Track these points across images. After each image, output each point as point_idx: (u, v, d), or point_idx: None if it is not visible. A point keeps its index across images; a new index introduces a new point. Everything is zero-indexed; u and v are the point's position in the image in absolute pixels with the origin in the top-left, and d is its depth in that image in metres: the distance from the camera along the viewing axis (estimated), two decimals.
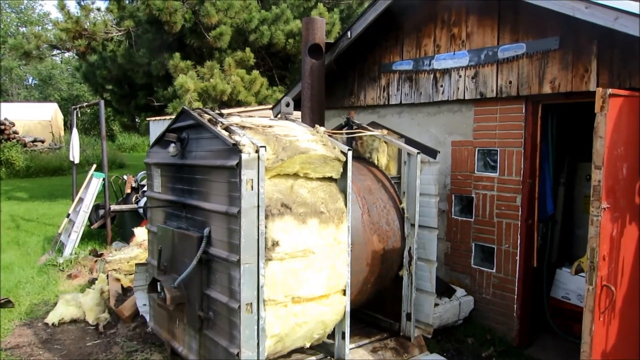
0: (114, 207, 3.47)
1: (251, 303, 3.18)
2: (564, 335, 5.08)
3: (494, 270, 4.99)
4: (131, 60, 12.73)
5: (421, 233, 4.48)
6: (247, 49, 12.44)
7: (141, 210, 7.02)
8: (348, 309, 3.72)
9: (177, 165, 3.90)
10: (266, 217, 3.25)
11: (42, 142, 23.96)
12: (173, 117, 4.76)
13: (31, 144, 23.08)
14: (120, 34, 13.43)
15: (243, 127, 3.59)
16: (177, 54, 11.87)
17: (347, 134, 4.39)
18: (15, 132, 22.28)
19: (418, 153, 4.17)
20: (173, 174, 4.02)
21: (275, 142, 3.46)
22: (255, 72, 12.17)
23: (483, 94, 4.93)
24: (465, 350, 4.81)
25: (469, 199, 5.21)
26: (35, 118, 26.44)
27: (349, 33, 5.84)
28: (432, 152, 4.45)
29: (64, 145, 22.88)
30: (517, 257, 4.79)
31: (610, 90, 3.11)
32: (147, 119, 12.77)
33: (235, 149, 3.16)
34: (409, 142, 4.67)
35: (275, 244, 3.28)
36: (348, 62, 6.35)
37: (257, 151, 3.19)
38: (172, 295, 3.59)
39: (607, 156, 3.13)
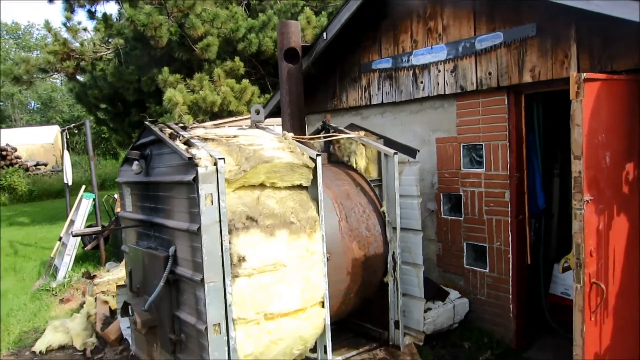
0: (76, 231, 3.33)
1: (219, 323, 3.01)
2: (565, 333, 4.84)
3: (487, 270, 4.78)
4: (121, 78, 12.69)
5: (406, 236, 4.30)
6: (237, 58, 12.33)
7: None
8: (328, 321, 3.54)
9: (144, 183, 3.76)
10: (230, 232, 3.09)
11: (45, 165, 24.07)
12: None
13: (34, 167, 23.19)
14: (109, 52, 13.41)
15: (205, 140, 3.44)
16: (166, 69, 11.79)
17: (319, 138, 4.23)
18: (18, 157, 22.40)
19: (395, 154, 3.99)
20: (141, 192, 3.88)
21: (238, 153, 3.31)
22: (245, 81, 12.05)
23: (463, 87, 4.75)
24: (461, 355, 4.60)
25: (457, 197, 5.01)
26: (38, 142, 26.58)
27: (324, 34, 5.69)
28: (411, 152, 4.27)
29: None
30: (510, 255, 4.58)
31: (584, 75, 2.92)
32: None
33: (191, 163, 3.01)
34: (389, 142, 4.50)
35: (241, 259, 3.11)
36: (328, 64, 6.19)
37: (215, 164, 3.04)
38: (143, 319, 3.43)
39: (586, 145, 2.93)
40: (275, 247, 3.26)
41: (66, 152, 9.62)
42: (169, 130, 3.54)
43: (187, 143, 3.34)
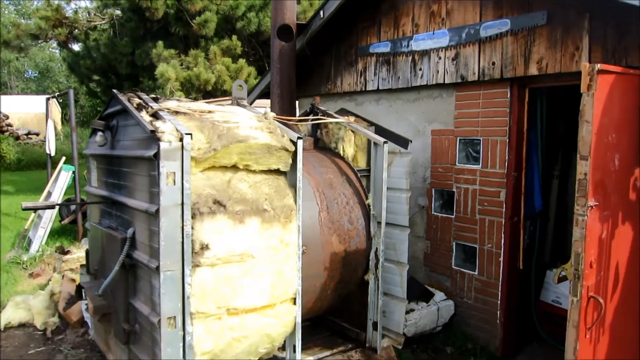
0: (25, 204, 3.01)
1: (174, 316, 2.72)
2: (554, 343, 4.59)
3: (476, 273, 4.50)
4: (114, 49, 12.25)
5: (391, 232, 4.00)
6: (234, 37, 11.90)
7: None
8: (299, 319, 3.25)
9: (108, 156, 3.45)
10: (193, 216, 2.78)
11: (37, 134, 23.61)
12: None
13: (25, 136, 22.75)
14: (104, 22, 12.95)
15: (176, 113, 3.12)
16: (160, 43, 11.36)
17: (305, 120, 3.91)
18: (9, 125, 21.94)
19: (385, 142, 3.68)
20: (105, 167, 3.56)
21: (210, 129, 2.99)
22: (242, 61, 11.64)
23: (464, 77, 4.42)
24: None
25: (450, 193, 4.72)
26: (31, 111, 26.07)
27: (321, 12, 5.33)
28: (403, 142, 3.96)
29: (61, 137, 22.56)
30: (501, 259, 4.30)
31: (599, 66, 2.61)
32: None
33: (153, 137, 2.69)
34: (380, 130, 4.18)
35: (204, 247, 2.81)
36: (324, 45, 5.85)
37: (181, 139, 2.72)
38: (95, 305, 3.14)
39: (594, 144, 2.63)
40: (244, 236, 2.96)
41: (50, 121, 9.25)
42: (137, 101, 3.21)
43: (155, 115, 3.01)
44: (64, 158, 8.27)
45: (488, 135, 4.34)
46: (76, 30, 12.63)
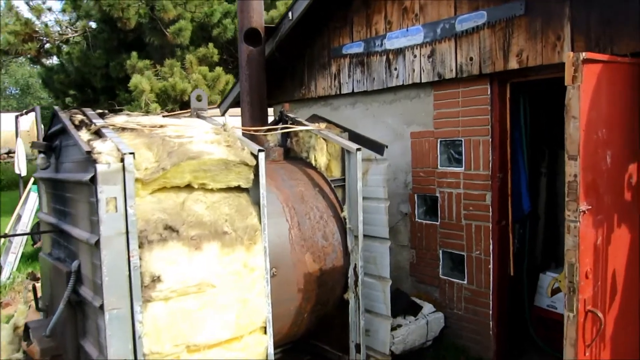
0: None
1: None
2: (551, 351, 4.31)
3: (465, 282, 4.23)
4: (87, 62, 11.91)
5: (371, 245, 3.72)
6: (211, 45, 11.64)
7: None
8: (271, 350, 2.95)
9: (53, 180, 3.13)
10: (141, 245, 2.47)
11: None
12: None
13: (5, 156, 22.21)
14: (76, 35, 12.60)
15: (123, 129, 2.81)
16: (134, 53, 11.07)
17: (271, 130, 3.62)
18: None
19: (358, 149, 3.39)
20: (52, 191, 3.24)
21: (160, 146, 2.69)
22: (219, 69, 11.36)
23: (441, 74, 4.16)
24: None
25: (434, 199, 4.44)
26: (12, 128, 25.52)
27: (290, 14, 5.05)
28: (378, 148, 3.68)
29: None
30: (490, 266, 4.03)
31: (584, 55, 2.35)
32: None
33: (90, 159, 2.38)
34: (354, 137, 3.90)
35: (155, 279, 2.50)
36: (295, 48, 5.56)
37: (122, 160, 2.41)
38: (42, 347, 2.81)
39: (583, 142, 2.36)
40: (201, 264, 2.65)
41: (19, 139, 8.89)
42: (79, 118, 2.89)
43: (98, 133, 2.71)
44: (32, 179, 7.90)
45: (470, 136, 4.07)
46: (48, 45, 12.26)
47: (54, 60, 13.54)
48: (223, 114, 6.59)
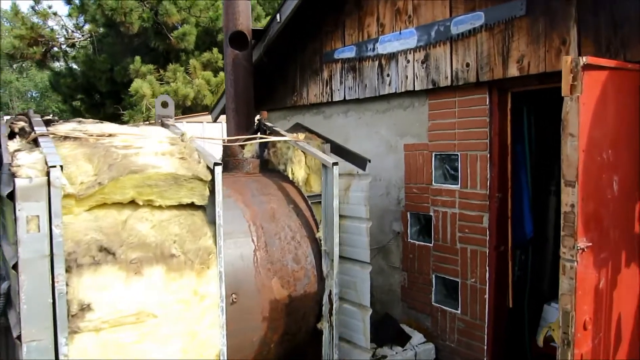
0: None
1: None
2: None
3: (459, 311, 3.83)
4: (92, 66, 11.80)
5: (351, 269, 3.36)
6: (215, 50, 11.43)
7: None
8: None
9: None
10: (69, 269, 2.16)
11: None
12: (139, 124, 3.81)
13: None
14: (82, 39, 12.53)
15: (65, 138, 2.52)
16: (138, 58, 10.91)
17: (251, 139, 3.31)
18: None
19: (334, 164, 3.04)
20: None
21: (102, 158, 2.39)
22: (223, 74, 11.12)
23: (436, 82, 3.80)
24: None
25: (427, 218, 4.06)
26: None
27: (278, 16, 4.75)
28: (360, 162, 3.33)
29: None
30: (487, 296, 3.63)
31: (584, 60, 1.98)
32: None
33: (9, 173, 2.08)
34: (336, 148, 3.56)
35: (85, 308, 2.19)
36: (287, 53, 5.26)
37: (47, 173, 2.11)
38: None
39: (583, 165, 1.98)
40: (141, 291, 2.33)
41: None
42: (20, 125, 2.61)
43: (36, 142, 2.42)
44: None
45: (466, 150, 3.70)
46: (54, 49, 12.20)
47: (62, 64, 13.48)
48: (215, 121, 6.31)
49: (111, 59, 11.70)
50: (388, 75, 4.18)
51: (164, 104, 3.27)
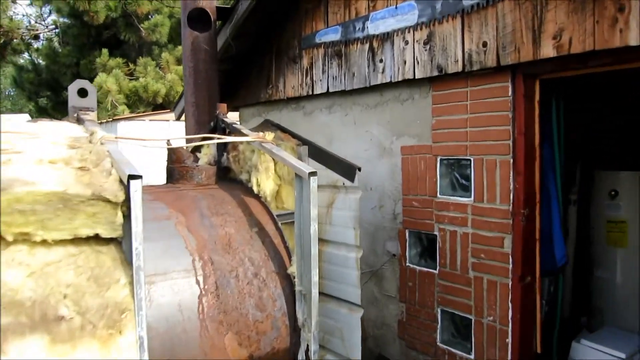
0: None
1: None
2: None
3: (472, 356, 3.04)
4: (56, 60, 10.84)
5: (336, 312, 2.55)
6: None
7: None
8: None
9: None
10: None
11: None
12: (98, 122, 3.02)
13: None
14: (47, 30, 11.55)
15: None
16: (105, 51, 10.01)
17: (202, 138, 2.47)
18: None
19: (311, 174, 2.21)
20: None
21: None
22: None
23: (442, 68, 3.00)
24: None
25: (431, 237, 3.27)
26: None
27: None
28: (348, 171, 2.51)
29: None
30: (509, 339, 2.84)
31: None
32: None
33: None
34: (317, 152, 2.74)
35: None
36: (260, 36, 4.43)
37: None
38: None
39: None
40: None
41: None
42: None
43: None
44: None
45: (482, 154, 2.90)
46: (14, 41, 11.20)
47: (26, 58, 12.47)
48: (178, 119, 5.46)
49: (77, 52, 10.76)
50: (381, 60, 3.37)
51: (82, 92, 2.42)
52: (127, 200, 1.73)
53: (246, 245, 2.33)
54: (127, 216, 1.75)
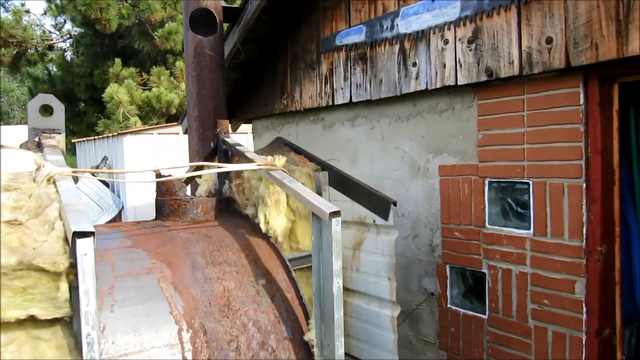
0: None
1: None
2: None
3: None
4: (70, 71, 10.59)
5: None
6: None
7: None
8: None
9: None
10: None
11: None
12: (104, 136, 2.59)
13: None
14: (61, 40, 11.35)
15: None
16: (118, 60, 9.70)
17: (204, 165, 1.98)
18: None
19: (333, 214, 1.68)
20: None
21: None
22: None
23: (493, 71, 2.44)
24: None
25: (478, 276, 2.70)
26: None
27: None
28: (381, 206, 1.97)
29: None
30: None
31: None
32: (73, 140, 10.51)
33: None
34: (341, 180, 2.20)
35: None
36: (272, 40, 3.95)
37: None
38: None
39: None
40: None
41: None
42: None
43: None
44: None
45: (544, 176, 2.34)
46: (29, 51, 11.02)
47: (41, 68, 12.28)
48: (185, 133, 5.00)
49: (90, 62, 10.49)
50: (414, 64, 2.83)
51: (45, 110, 1.95)
52: (75, 266, 1.23)
53: (250, 305, 1.82)
54: (75, 288, 1.26)
